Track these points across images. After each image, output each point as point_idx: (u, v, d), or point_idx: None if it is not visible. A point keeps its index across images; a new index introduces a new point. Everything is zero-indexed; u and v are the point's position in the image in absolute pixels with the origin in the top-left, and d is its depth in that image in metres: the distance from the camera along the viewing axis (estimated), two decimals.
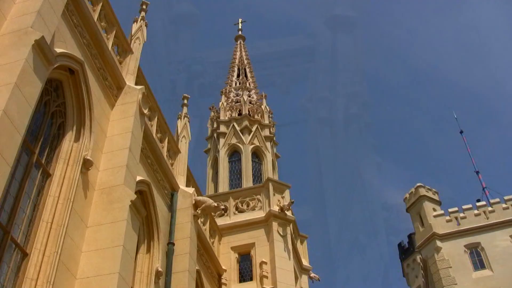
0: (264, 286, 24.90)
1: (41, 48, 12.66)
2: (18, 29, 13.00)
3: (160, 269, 18.39)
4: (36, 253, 13.16)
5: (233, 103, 39.10)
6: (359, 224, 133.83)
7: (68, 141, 15.49)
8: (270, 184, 29.18)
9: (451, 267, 50.71)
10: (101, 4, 18.41)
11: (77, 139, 15.65)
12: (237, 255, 26.92)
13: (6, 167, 10.88)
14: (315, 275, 31.50)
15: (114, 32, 19.08)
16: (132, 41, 20.70)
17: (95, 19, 17.63)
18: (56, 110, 15.55)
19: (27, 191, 13.72)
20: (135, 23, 21.64)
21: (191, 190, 22.50)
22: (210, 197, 27.46)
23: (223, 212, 28.15)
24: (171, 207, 21.27)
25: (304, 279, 30.57)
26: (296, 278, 28.32)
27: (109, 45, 18.46)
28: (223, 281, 25.56)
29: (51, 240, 13.46)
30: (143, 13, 22.11)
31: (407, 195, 58.54)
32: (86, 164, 15.34)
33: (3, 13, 13.44)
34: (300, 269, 30.50)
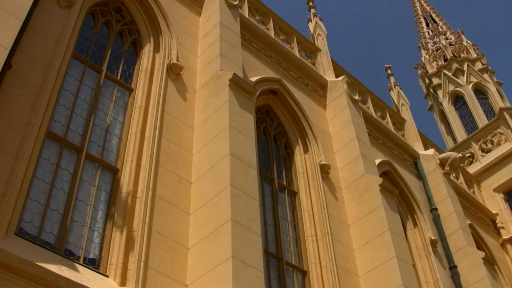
0: None
1: (237, 84, 12.73)
2: (210, 77, 13.22)
3: (433, 237, 17.65)
4: (313, 268, 13.12)
5: (434, 52, 37.38)
6: None
7: (298, 156, 15.48)
8: (505, 113, 27.27)
9: None
10: (271, 20, 18.42)
11: (306, 150, 15.60)
12: (502, 195, 25.19)
13: (254, 202, 10.93)
14: None
15: (295, 39, 18.96)
16: (315, 39, 20.45)
17: (273, 36, 17.67)
18: (277, 132, 15.66)
19: (282, 215, 13.82)
20: (310, 22, 21.44)
21: (431, 151, 21.55)
22: (451, 150, 26.28)
23: (470, 159, 26.78)
24: (419, 175, 20.45)
25: None
26: None
27: (296, 53, 18.34)
28: (499, 225, 24.02)
29: (322, 251, 13.37)
30: (313, 10, 21.83)
31: None
32: (324, 169, 15.17)
33: (192, 69, 13.79)
34: None
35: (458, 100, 33.98)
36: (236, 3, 15.79)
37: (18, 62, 10.03)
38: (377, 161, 17.55)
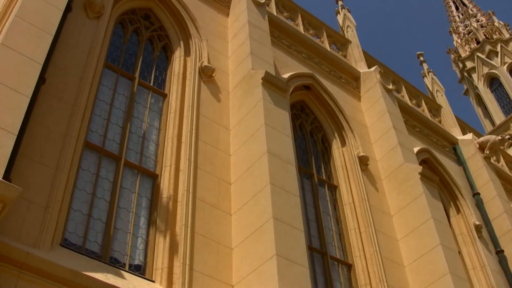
0: None
1: (270, 81, 12.61)
2: (243, 76, 13.14)
3: (477, 222, 17.29)
4: (358, 260, 12.94)
5: (466, 35, 36.87)
6: None
7: (336, 149, 15.31)
8: None
9: None
10: (299, 15, 18.27)
11: (343, 143, 15.42)
12: None
13: (295, 199, 10.80)
14: None
15: (324, 33, 18.76)
16: (345, 31, 20.23)
17: (302, 31, 17.51)
18: (313, 127, 15.53)
19: (323, 210, 13.67)
20: (338, 14, 21.23)
21: (469, 136, 21.14)
22: (490, 133, 25.83)
23: (510, 141, 26.30)
24: (459, 160, 20.08)
25: None
26: None
27: (327, 47, 18.15)
28: None
29: (366, 243, 13.18)
30: (340, 2, 21.58)
31: None
32: (363, 161, 14.97)
33: (224, 71, 13.71)
34: None
35: (493, 82, 33.43)
36: (263, 1, 15.68)
37: (52, 75, 10.07)
38: (416, 149, 17.29)
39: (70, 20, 11.27)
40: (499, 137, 21.41)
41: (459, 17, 39.75)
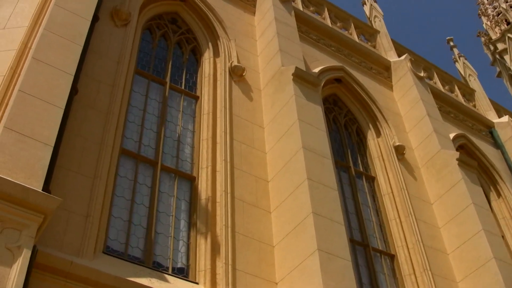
0: None
1: (301, 77, 12.49)
2: (273, 73, 13.04)
3: None
4: (400, 250, 12.73)
5: (495, 17, 36.21)
6: None
7: (371, 140, 15.14)
8: None
9: None
10: (325, 9, 18.14)
11: (378, 134, 15.23)
12: None
13: (333, 193, 10.66)
14: None
15: (352, 25, 18.58)
16: (372, 22, 20.02)
17: (330, 25, 17.37)
18: (346, 120, 15.38)
19: (363, 201, 13.50)
20: (365, 5, 21.02)
21: (505, 118, 20.70)
22: None
23: None
24: (497, 144, 19.68)
25: None
26: None
27: (355, 38, 17.97)
28: None
29: (407, 233, 12.96)
30: None
31: None
32: (399, 150, 14.78)
33: (253, 69, 13.62)
34: None
35: None
36: None
37: (84, 85, 10.08)
38: (452, 135, 17.03)
39: (98, 29, 11.28)
40: None
41: None
